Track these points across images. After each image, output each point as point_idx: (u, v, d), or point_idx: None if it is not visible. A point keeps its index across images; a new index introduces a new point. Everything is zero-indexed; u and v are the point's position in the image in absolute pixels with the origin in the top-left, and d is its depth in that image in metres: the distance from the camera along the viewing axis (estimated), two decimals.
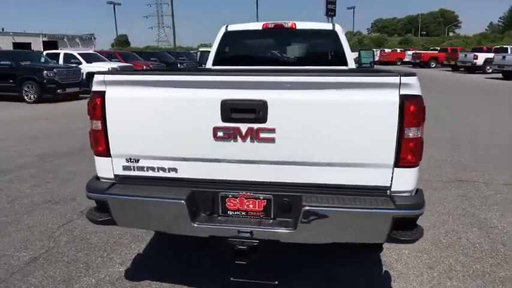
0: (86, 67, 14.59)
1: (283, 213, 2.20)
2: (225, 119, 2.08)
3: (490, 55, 25.57)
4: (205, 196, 2.22)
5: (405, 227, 2.11)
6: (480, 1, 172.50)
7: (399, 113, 1.98)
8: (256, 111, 2.05)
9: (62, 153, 6.45)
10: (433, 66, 34.82)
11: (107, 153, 2.28)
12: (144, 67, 17.01)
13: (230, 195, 2.22)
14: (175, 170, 2.24)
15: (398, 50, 44.92)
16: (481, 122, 9.20)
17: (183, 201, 2.12)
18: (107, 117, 2.21)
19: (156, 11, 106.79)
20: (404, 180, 2.10)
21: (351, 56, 4.56)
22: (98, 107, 2.22)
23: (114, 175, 2.31)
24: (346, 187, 2.13)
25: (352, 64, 4.54)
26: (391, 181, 2.09)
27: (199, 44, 77.60)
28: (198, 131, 2.14)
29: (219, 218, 2.25)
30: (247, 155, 2.13)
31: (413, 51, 40.35)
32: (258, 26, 4.66)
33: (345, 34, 4.71)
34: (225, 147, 2.13)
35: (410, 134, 2.02)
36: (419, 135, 2.05)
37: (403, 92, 1.98)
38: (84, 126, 8.94)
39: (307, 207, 2.04)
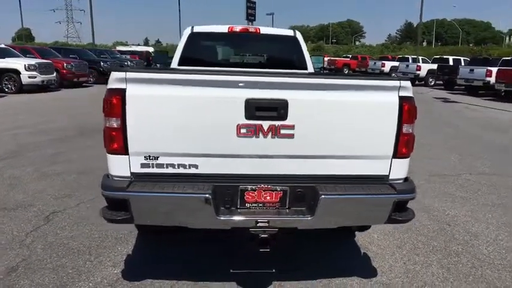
0: None
1: (297, 203, 2.42)
2: (248, 116, 2.22)
3: (395, 63, 28.62)
4: (226, 190, 2.33)
5: (399, 210, 2.46)
6: (381, 14, 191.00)
7: (398, 111, 2.33)
8: (278, 109, 2.24)
9: None
10: (346, 72, 37.68)
11: (123, 151, 2.27)
12: (65, 64, 15.80)
13: (249, 188, 2.36)
14: (195, 166, 2.32)
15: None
16: None
17: (209, 196, 2.22)
18: (126, 115, 2.20)
19: (65, 5, 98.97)
20: (400, 169, 2.46)
21: (310, 61, 4.93)
22: (116, 105, 2.20)
23: (131, 173, 2.30)
24: (352, 177, 2.42)
25: (311, 68, 4.91)
26: (390, 170, 2.43)
27: (115, 42, 73.71)
28: (221, 128, 2.25)
29: (239, 210, 2.39)
30: (268, 150, 2.30)
31: (329, 58, 43.18)
32: (223, 28, 4.78)
33: None
34: (247, 143, 2.27)
35: (406, 130, 2.38)
36: (412, 131, 2.42)
37: (402, 93, 2.33)
38: (9, 127, 8.17)
39: (324, 196, 2.28)
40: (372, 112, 2.33)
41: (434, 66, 23.58)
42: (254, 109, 2.22)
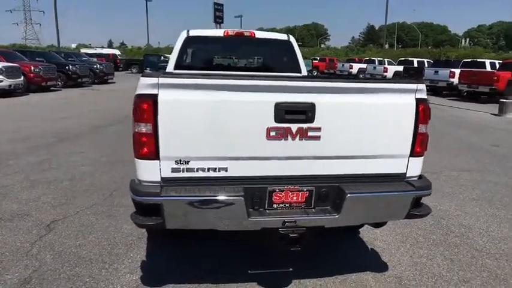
0: None
1: (321, 202, 2.51)
2: (278, 120, 2.29)
3: (363, 65, 29.52)
4: (255, 192, 2.39)
5: (416, 205, 2.61)
6: (344, 17, 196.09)
7: (415, 112, 2.48)
8: (306, 112, 2.32)
9: None
10: (315, 74, 38.41)
11: (154, 156, 2.27)
12: (32, 68, 15.17)
13: (277, 190, 2.43)
14: (225, 169, 2.35)
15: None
16: None
17: (242, 198, 2.26)
18: (158, 120, 2.21)
19: (23, 5, 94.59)
20: (415, 167, 2.60)
21: (303, 64, 5.06)
22: (148, 110, 2.20)
23: (162, 178, 2.30)
24: (372, 175, 2.54)
25: (304, 71, 5.05)
26: (407, 168, 2.58)
27: (78, 44, 71.27)
28: (251, 132, 2.30)
29: (267, 211, 2.44)
30: (296, 152, 2.38)
31: None
32: (219, 32, 4.83)
33: None
34: (276, 146, 2.33)
35: (421, 130, 2.53)
36: (426, 131, 2.57)
37: (418, 96, 2.48)
38: None
39: (350, 195, 2.38)
40: (391, 113, 2.46)
41: (400, 68, 24.57)
42: (283, 112, 2.28)
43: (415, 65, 24.72)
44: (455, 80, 18.57)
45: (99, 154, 6.46)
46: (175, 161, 2.29)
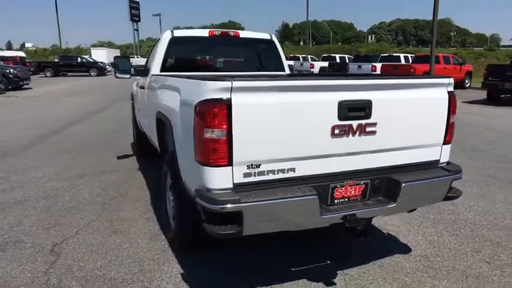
0: None
1: (374, 193, 2.65)
2: (341, 117, 2.38)
3: (290, 62, 30.61)
4: (320, 189, 2.44)
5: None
6: (259, 16, 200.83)
7: (448, 103, 2.74)
8: (365, 109, 2.44)
9: None
10: None
11: (227, 162, 2.20)
12: None
13: (338, 185, 2.51)
14: (293, 169, 2.37)
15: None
16: None
17: (316, 197, 2.30)
18: (232, 124, 2.15)
19: None
20: (446, 154, 2.89)
21: (286, 63, 5.17)
22: (220, 115, 2.13)
23: (234, 184, 2.24)
24: (414, 164, 2.75)
25: (287, 70, 5.17)
26: (440, 155, 2.84)
27: None
28: (318, 130, 2.36)
29: (330, 207, 2.51)
30: (355, 148, 2.49)
31: None
32: (204, 32, 4.72)
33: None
34: (339, 143, 2.42)
35: (452, 119, 2.80)
36: (453, 121, 2.85)
37: (449, 89, 2.75)
38: None
39: (404, 184, 2.55)
40: (431, 106, 2.70)
41: (325, 63, 25.98)
42: (346, 110, 2.37)
43: (338, 60, 26.37)
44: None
45: (57, 167, 5.89)
46: (247, 166, 2.26)
